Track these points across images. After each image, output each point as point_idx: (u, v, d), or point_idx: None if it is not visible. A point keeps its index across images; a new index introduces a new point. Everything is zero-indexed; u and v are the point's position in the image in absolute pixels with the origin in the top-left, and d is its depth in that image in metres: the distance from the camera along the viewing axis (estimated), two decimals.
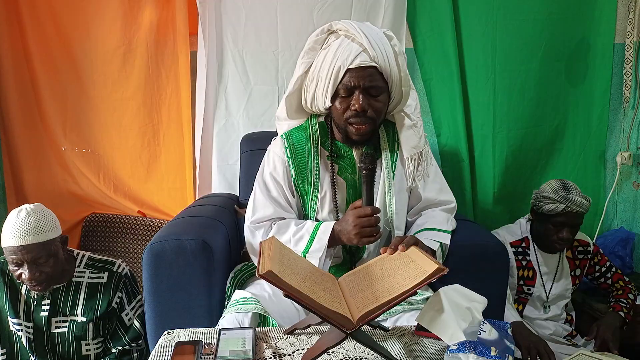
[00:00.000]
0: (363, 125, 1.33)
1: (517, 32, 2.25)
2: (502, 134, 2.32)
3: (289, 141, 1.45)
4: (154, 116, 2.26)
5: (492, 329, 0.98)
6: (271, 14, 2.19)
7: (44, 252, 1.37)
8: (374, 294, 0.97)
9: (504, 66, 2.27)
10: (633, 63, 2.33)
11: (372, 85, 1.30)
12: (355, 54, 1.28)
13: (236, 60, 2.23)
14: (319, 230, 1.35)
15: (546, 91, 2.34)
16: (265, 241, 1.06)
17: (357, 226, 1.28)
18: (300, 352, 1.00)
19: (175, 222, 1.56)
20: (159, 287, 1.38)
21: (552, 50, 2.29)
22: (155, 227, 2.26)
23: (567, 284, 1.86)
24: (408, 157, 1.44)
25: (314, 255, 1.31)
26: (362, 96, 1.30)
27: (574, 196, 1.72)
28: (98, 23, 2.17)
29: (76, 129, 2.27)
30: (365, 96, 1.30)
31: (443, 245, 1.38)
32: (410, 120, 1.45)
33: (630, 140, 2.36)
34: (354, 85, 1.30)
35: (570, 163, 2.42)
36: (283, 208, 1.44)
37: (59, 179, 2.29)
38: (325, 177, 1.43)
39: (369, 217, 1.28)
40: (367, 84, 1.30)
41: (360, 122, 1.32)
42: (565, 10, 2.27)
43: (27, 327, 1.48)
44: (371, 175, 1.31)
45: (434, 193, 1.52)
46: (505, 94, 2.29)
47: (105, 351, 1.55)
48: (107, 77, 2.22)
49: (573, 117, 2.39)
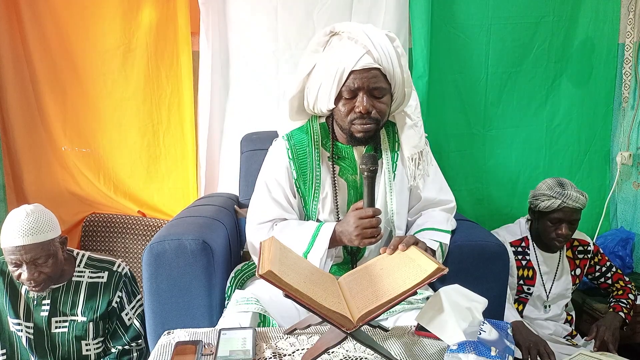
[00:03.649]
0: (367, 126, 1.33)
1: (509, 34, 2.27)
2: (492, 132, 2.35)
3: (291, 142, 1.45)
4: (154, 116, 2.26)
5: (492, 329, 0.98)
6: (271, 14, 2.18)
7: (43, 253, 1.37)
8: (374, 293, 0.97)
9: (495, 67, 2.29)
10: (632, 63, 2.33)
11: (376, 86, 1.31)
12: (359, 55, 1.28)
13: (237, 60, 2.23)
14: (320, 231, 1.35)
15: (540, 92, 2.35)
16: (265, 241, 1.06)
17: (359, 227, 1.29)
18: (300, 352, 1.01)
19: (176, 222, 1.56)
20: (159, 287, 1.38)
21: (549, 52, 2.31)
22: (155, 227, 2.26)
23: (567, 283, 1.86)
24: (409, 157, 1.44)
25: (315, 256, 1.31)
26: (366, 98, 1.30)
27: (570, 191, 1.72)
28: (98, 23, 2.17)
29: (76, 128, 2.27)
30: (369, 98, 1.31)
31: (443, 245, 1.39)
32: (411, 120, 1.46)
33: (630, 140, 2.36)
34: (358, 87, 1.30)
35: (575, 163, 2.43)
36: (284, 209, 1.44)
37: (59, 179, 2.29)
38: (326, 178, 1.43)
39: (370, 218, 1.29)
40: (371, 85, 1.30)
41: (364, 123, 1.33)
42: (565, 12, 2.28)
43: (27, 327, 1.48)
44: (373, 177, 1.31)
45: (433, 193, 1.52)
46: (496, 94, 2.33)
47: (105, 351, 1.56)
48: (107, 77, 2.22)
49: (578, 118, 2.40)
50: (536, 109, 2.37)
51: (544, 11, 2.27)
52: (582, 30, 2.31)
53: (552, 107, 2.37)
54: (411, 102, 1.46)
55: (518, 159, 2.41)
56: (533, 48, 2.30)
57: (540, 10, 2.27)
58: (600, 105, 2.40)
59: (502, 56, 2.29)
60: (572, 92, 2.37)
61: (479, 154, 2.38)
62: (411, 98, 1.45)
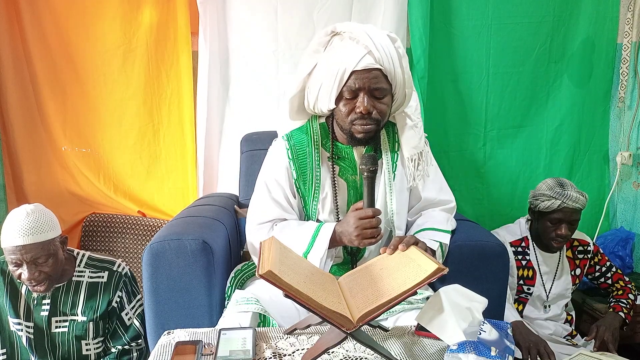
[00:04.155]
0: (367, 126, 1.33)
1: (510, 35, 2.28)
2: (493, 133, 2.36)
3: (290, 142, 1.45)
4: (154, 116, 2.27)
5: (492, 328, 0.98)
6: (271, 14, 2.18)
7: (43, 252, 1.37)
8: (374, 293, 0.97)
9: (497, 68, 2.30)
10: (630, 63, 2.33)
11: (377, 87, 1.30)
12: (360, 56, 1.28)
13: (236, 60, 2.24)
14: (320, 232, 1.35)
15: (541, 92, 2.36)
16: (265, 241, 1.06)
17: (359, 228, 1.29)
18: (300, 352, 1.01)
19: (176, 222, 1.56)
20: (159, 287, 1.38)
21: (550, 52, 2.31)
22: (155, 227, 2.26)
23: (567, 283, 1.86)
24: (408, 157, 1.44)
25: (315, 256, 1.32)
26: (367, 98, 1.30)
27: (570, 192, 1.72)
28: (98, 23, 2.17)
29: (76, 128, 2.27)
30: (370, 98, 1.31)
31: (443, 245, 1.39)
32: (411, 120, 1.46)
33: (630, 140, 2.36)
34: (359, 87, 1.30)
35: (575, 163, 2.43)
36: (284, 209, 1.44)
37: (59, 179, 2.30)
38: (326, 179, 1.43)
39: (370, 219, 1.29)
40: (372, 86, 1.30)
41: (365, 123, 1.33)
42: (565, 12, 2.28)
43: (27, 327, 1.48)
44: (373, 178, 1.31)
45: (433, 193, 1.52)
46: (497, 95, 2.33)
47: (105, 351, 1.56)
48: (107, 77, 2.22)
49: (577, 117, 2.40)
50: (537, 109, 2.37)
51: (545, 11, 2.27)
52: (583, 31, 2.32)
53: (552, 107, 2.37)
54: (412, 102, 1.46)
55: (518, 159, 2.41)
56: (534, 48, 2.30)
57: (541, 10, 2.27)
58: (599, 105, 2.40)
59: (504, 56, 2.29)
60: (572, 92, 2.37)
61: (479, 154, 2.39)
62: (412, 99, 1.45)
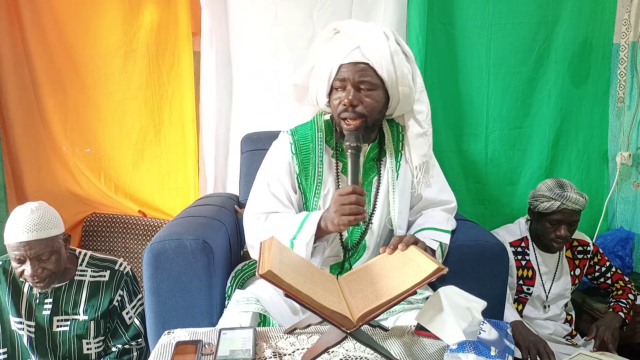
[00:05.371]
0: (353, 120, 1.33)
1: (510, 35, 2.28)
2: (495, 134, 2.36)
3: (295, 137, 1.46)
4: (155, 116, 2.27)
5: (491, 328, 0.99)
6: (271, 14, 2.19)
7: (46, 249, 1.38)
8: (373, 293, 0.97)
9: (497, 68, 2.30)
10: (628, 63, 2.33)
11: (362, 80, 1.31)
12: (349, 50, 1.31)
13: (237, 61, 2.24)
14: (308, 217, 1.33)
15: (542, 93, 2.36)
16: (265, 241, 1.06)
17: (337, 203, 1.24)
18: (300, 352, 1.01)
19: (176, 221, 1.56)
20: (159, 286, 1.38)
21: (550, 53, 2.31)
22: (156, 227, 2.26)
23: (567, 283, 1.86)
24: (417, 165, 1.45)
25: (301, 241, 1.28)
26: (352, 91, 1.32)
27: (569, 193, 1.72)
28: (98, 23, 2.18)
29: (77, 128, 2.28)
30: (356, 91, 1.32)
31: (443, 245, 1.39)
32: (422, 127, 1.45)
33: (630, 140, 2.36)
34: (344, 78, 1.32)
35: (574, 164, 2.43)
36: (282, 203, 1.43)
37: (60, 179, 2.30)
38: (328, 175, 1.44)
39: (349, 194, 1.23)
40: (357, 78, 1.31)
41: (351, 117, 1.33)
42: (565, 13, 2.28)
43: (28, 326, 1.48)
44: (357, 155, 1.28)
45: (434, 193, 1.53)
46: (498, 95, 2.33)
47: (105, 350, 1.56)
48: (108, 77, 2.23)
49: (576, 118, 2.40)
50: (537, 109, 2.37)
51: (545, 11, 2.27)
52: (581, 31, 2.31)
53: (552, 107, 2.37)
54: (422, 108, 1.46)
55: (518, 159, 2.41)
56: (535, 48, 2.30)
57: (540, 10, 2.27)
58: (597, 105, 2.41)
59: (504, 57, 2.29)
60: (572, 92, 2.37)
61: (479, 154, 2.39)
62: (423, 104, 1.46)
